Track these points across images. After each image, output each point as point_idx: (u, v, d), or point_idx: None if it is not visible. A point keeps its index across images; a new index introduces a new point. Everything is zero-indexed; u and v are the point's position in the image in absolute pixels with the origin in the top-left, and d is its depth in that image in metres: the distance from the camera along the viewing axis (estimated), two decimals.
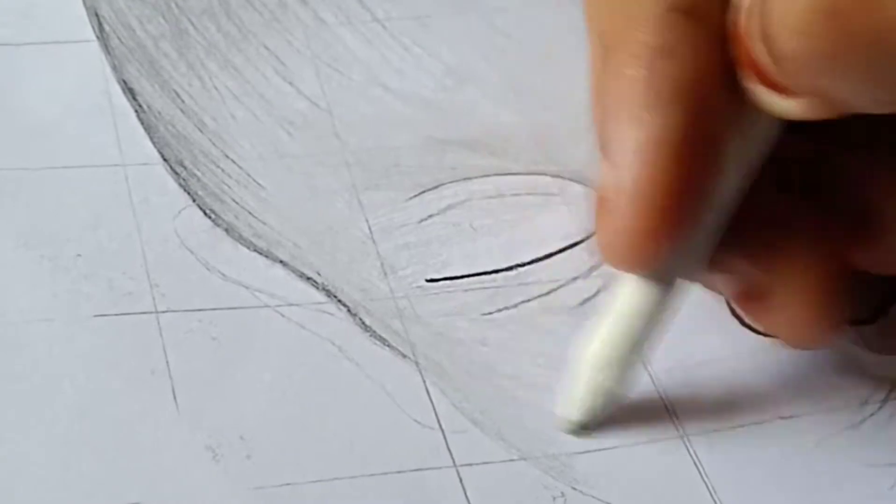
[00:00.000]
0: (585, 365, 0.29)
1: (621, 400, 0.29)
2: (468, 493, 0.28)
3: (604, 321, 0.29)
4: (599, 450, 0.29)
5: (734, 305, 0.30)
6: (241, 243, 0.31)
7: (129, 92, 0.33)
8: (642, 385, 0.30)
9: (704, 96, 0.26)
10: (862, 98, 0.25)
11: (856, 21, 0.23)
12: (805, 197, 0.29)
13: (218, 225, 0.31)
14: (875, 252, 0.29)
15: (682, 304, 0.29)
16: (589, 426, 0.29)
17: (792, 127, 0.28)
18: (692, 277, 0.29)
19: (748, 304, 0.30)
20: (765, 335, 0.32)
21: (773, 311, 0.29)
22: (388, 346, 0.30)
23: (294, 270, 0.31)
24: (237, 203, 0.32)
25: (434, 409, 0.29)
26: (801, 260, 0.28)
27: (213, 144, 0.33)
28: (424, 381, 0.29)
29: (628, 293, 0.28)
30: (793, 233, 0.29)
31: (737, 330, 0.32)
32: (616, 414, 0.29)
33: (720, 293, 0.31)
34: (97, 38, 0.34)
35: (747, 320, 0.30)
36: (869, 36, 0.23)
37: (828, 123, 0.26)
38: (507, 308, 0.31)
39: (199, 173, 0.32)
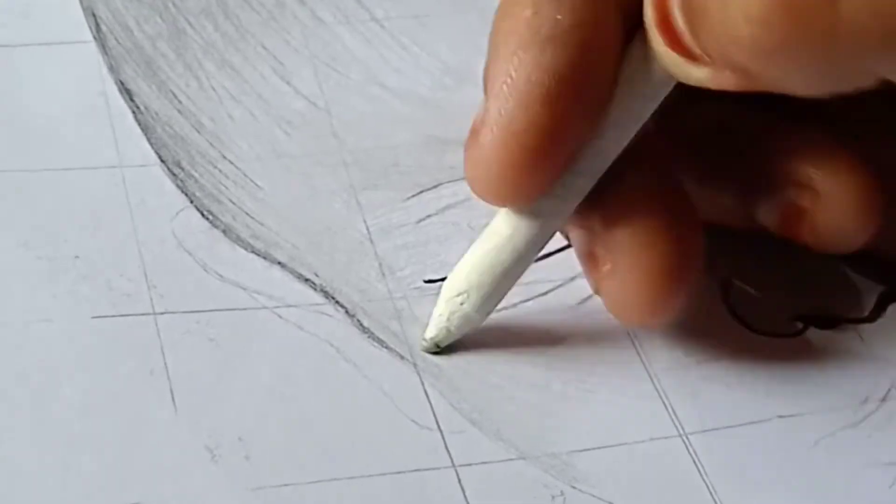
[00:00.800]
0: (448, 286, 0.29)
1: (476, 324, 0.30)
2: (467, 493, 0.28)
3: (474, 247, 0.29)
4: (599, 448, 0.29)
5: (580, 261, 0.30)
6: (238, 244, 0.31)
7: (127, 93, 0.33)
8: (641, 384, 0.30)
9: (588, 45, 0.27)
10: (795, 83, 0.25)
11: (813, 17, 0.24)
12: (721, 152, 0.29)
13: (216, 226, 0.31)
14: (809, 227, 0.30)
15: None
16: (440, 344, 0.30)
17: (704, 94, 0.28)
18: (557, 223, 0.29)
19: (586, 262, 0.30)
20: (763, 334, 0.32)
21: (605, 276, 0.29)
22: (386, 347, 0.30)
23: (292, 271, 0.31)
24: (235, 204, 0.32)
25: (432, 409, 0.29)
26: (647, 240, 0.28)
27: (211, 145, 0.33)
28: (422, 382, 0.29)
29: (498, 223, 0.29)
30: (652, 214, 0.28)
31: (736, 329, 0.32)
32: (616, 412, 0.29)
33: (573, 244, 0.30)
34: (94, 38, 0.34)
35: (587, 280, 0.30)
36: (823, 31, 0.24)
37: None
38: (505, 308, 0.31)
39: (196, 174, 0.32)
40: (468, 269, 0.29)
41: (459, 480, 0.28)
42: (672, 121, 0.29)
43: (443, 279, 0.30)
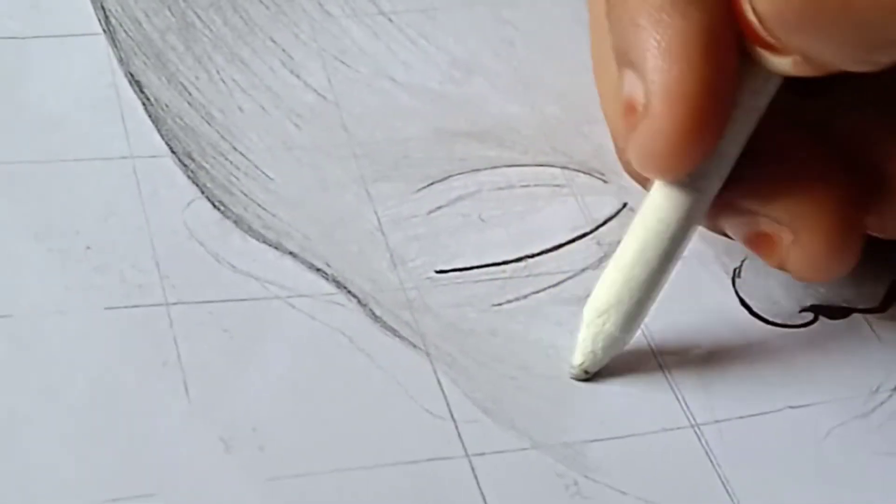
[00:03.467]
0: (588, 309, 0.29)
1: (624, 344, 0.30)
2: (480, 483, 0.28)
3: (608, 268, 0.29)
4: (612, 438, 0.29)
5: (744, 246, 0.31)
6: (250, 235, 0.31)
7: (137, 85, 0.33)
8: (653, 375, 0.30)
9: (722, 6, 0.27)
10: (834, 56, 0.26)
11: None
12: (821, 150, 0.30)
13: (227, 217, 0.31)
14: (884, 216, 0.30)
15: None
16: (589, 370, 0.30)
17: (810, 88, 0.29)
18: (697, 217, 0.29)
19: (759, 244, 0.30)
20: (774, 324, 0.32)
21: (787, 248, 0.29)
22: (399, 336, 0.30)
23: (304, 262, 0.31)
24: (246, 195, 0.32)
25: (445, 399, 0.29)
26: (815, 200, 0.29)
27: (222, 137, 0.33)
28: (435, 372, 0.29)
29: (628, 242, 0.29)
30: (806, 177, 0.29)
31: (747, 319, 0.32)
32: (628, 403, 0.29)
33: (729, 236, 0.31)
34: (104, 31, 0.34)
35: (764, 260, 0.31)
36: (837, 2, 0.24)
37: (843, 83, 0.27)
38: (516, 299, 0.31)
39: (207, 165, 0.32)
40: (605, 289, 0.29)
41: (473, 470, 0.28)
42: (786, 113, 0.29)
43: (454, 270, 0.30)
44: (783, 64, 0.27)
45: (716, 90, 0.27)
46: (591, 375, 0.30)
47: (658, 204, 0.29)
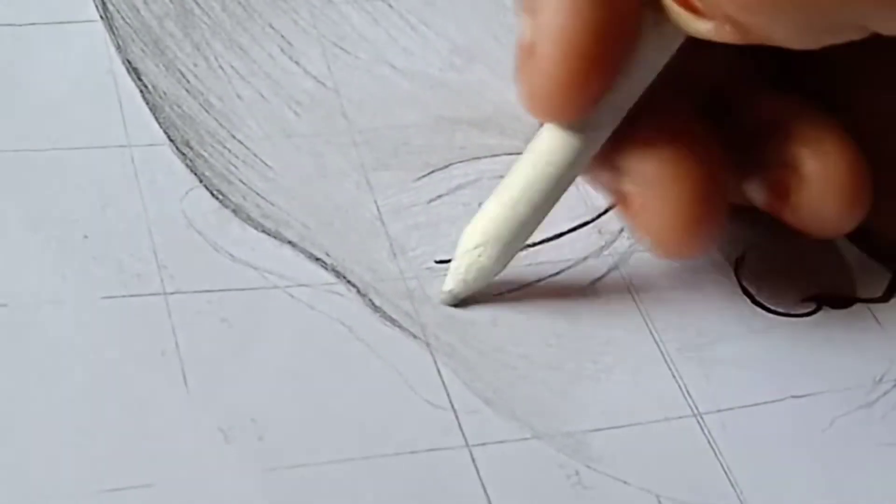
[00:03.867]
0: (466, 238, 0.30)
1: (495, 275, 0.30)
2: (481, 473, 0.28)
3: (489, 201, 0.30)
4: (613, 428, 0.29)
5: (611, 202, 0.31)
6: (249, 224, 0.31)
7: (134, 72, 0.33)
8: (655, 364, 0.30)
9: None
10: (781, 34, 0.26)
11: None
12: (699, 119, 0.30)
13: (226, 206, 0.31)
14: (794, 209, 0.30)
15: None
16: (458, 296, 0.30)
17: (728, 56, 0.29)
18: (580, 163, 0.29)
19: (619, 202, 0.30)
20: (777, 314, 0.32)
21: (639, 213, 0.29)
22: (399, 326, 0.30)
23: (303, 251, 0.30)
24: (245, 184, 0.31)
25: (446, 389, 0.29)
26: (674, 167, 0.29)
27: (220, 125, 0.32)
28: (436, 362, 0.29)
29: (513, 176, 0.29)
30: (674, 143, 0.29)
31: (749, 309, 0.32)
32: (630, 392, 0.29)
33: (602, 190, 0.31)
34: (101, 17, 0.34)
35: (622, 222, 0.31)
36: None
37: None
38: (517, 288, 0.31)
39: (205, 154, 0.32)
40: (484, 221, 0.30)
41: (473, 460, 0.28)
42: (676, 78, 0.29)
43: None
44: (702, 27, 0.27)
45: (604, 37, 0.27)
46: (458, 301, 0.30)
47: (548, 146, 0.29)
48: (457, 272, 0.30)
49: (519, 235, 0.30)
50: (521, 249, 0.30)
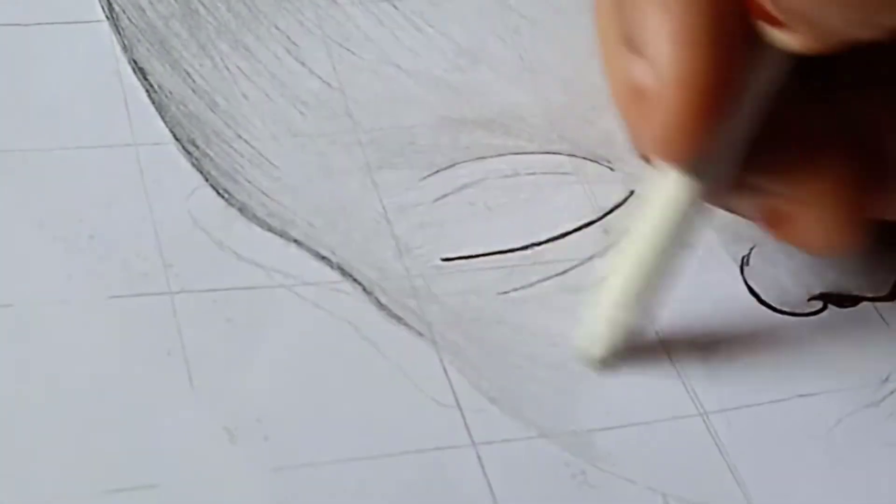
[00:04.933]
0: (601, 296, 0.29)
1: (640, 331, 0.29)
2: (487, 472, 0.28)
3: (620, 253, 0.29)
4: (619, 427, 0.29)
5: (759, 225, 0.31)
6: (254, 223, 0.31)
7: (140, 72, 0.33)
8: (661, 363, 0.30)
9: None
10: (837, 20, 0.26)
11: None
12: (827, 130, 0.30)
13: (231, 205, 0.31)
14: (885, 198, 0.30)
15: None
16: (606, 359, 0.29)
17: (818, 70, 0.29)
18: (721, 190, 0.29)
19: (774, 221, 0.30)
20: (782, 313, 0.32)
21: (796, 223, 0.29)
22: (405, 324, 0.30)
23: (308, 250, 0.30)
24: (250, 183, 0.31)
25: (452, 387, 0.29)
26: (823, 176, 0.29)
27: (226, 124, 0.32)
28: (442, 360, 0.29)
29: (644, 222, 0.29)
30: (814, 155, 0.29)
31: (755, 307, 0.32)
32: (635, 391, 0.29)
33: (742, 215, 0.31)
34: (107, 18, 0.34)
35: (775, 237, 0.31)
36: None
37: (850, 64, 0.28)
38: (523, 287, 0.31)
39: (211, 153, 0.32)
40: (618, 276, 0.29)
41: (479, 459, 0.28)
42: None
43: (460, 258, 0.30)
44: (791, 40, 0.27)
45: (724, 73, 0.27)
46: (607, 364, 0.30)
47: (669, 189, 0.29)
48: (592, 331, 0.29)
49: (652, 286, 0.29)
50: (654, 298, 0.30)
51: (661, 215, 0.29)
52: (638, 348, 0.30)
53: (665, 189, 0.29)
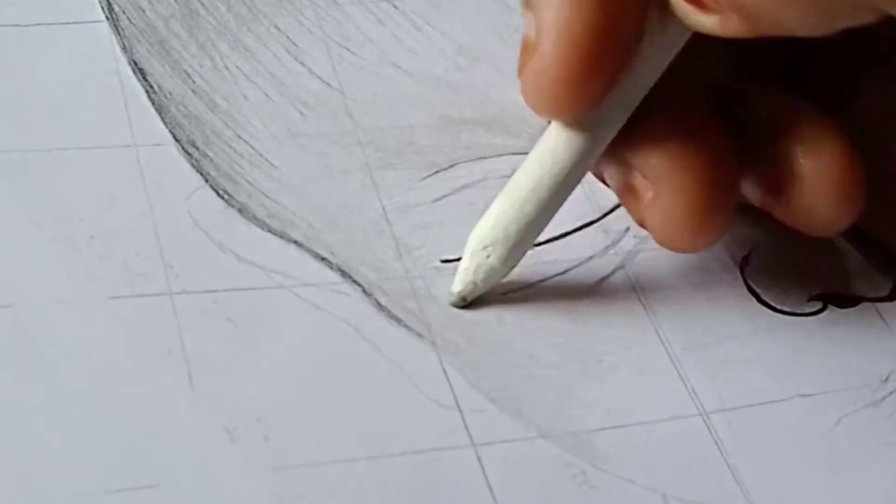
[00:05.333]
0: (474, 239, 0.30)
1: (502, 277, 0.30)
2: (487, 472, 0.27)
3: (498, 200, 0.30)
4: (620, 427, 0.29)
5: (617, 197, 0.31)
6: (254, 224, 0.31)
7: (140, 72, 0.33)
8: (661, 363, 0.30)
9: None
10: (793, 19, 0.26)
11: None
12: (707, 114, 0.30)
13: (231, 205, 0.31)
14: (789, 206, 0.30)
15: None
16: (467, 298, 0.30)
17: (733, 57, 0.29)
18: (589, 159, 0.29)
19: (628, 197, 0.30)
20: (783, 313, 0.32)
21: (648, 204, 0.29)
22: (404, 325, 0.30)
23: (308, 250, 0.30)
24: (250, 183, 0.31)
25: (451, 388, 0.29)
26: (685, 160, 0.29)
27: (226, 125, 0.32)
28: (441, 361, 0.29)
29: (521, 175, 0.29)
30: (683, 137, 0.29)
31: (755, 308, 0.32)
32: (636, 391, 0.29)
33: (606, 184, 0.31)
34: (107, 18, 0.34)
35: (632, 216, 0.31)
36: None
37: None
38: (523, 287, 0.31)
39: (211, 154, 0.32)
40: (493, 221, 0.30)
41: (479, 459, 0.28)
42: (684, 73, 0.29)
43: (460, 259, 0.30)
44: (707, 21, 0.27)
45: (606, 33, 0.27)
46: (467, 303, 0.30)
47: (554, 145, 0.29)
48: (465, 274, 0.30)
49: (527, 236, 0.30)
50: (529, 249, 0.30)
51: (545, 171, 0.29)
52: (638, 348, 0.30)
53: (549, 142, 0.29)
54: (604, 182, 0.31)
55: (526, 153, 0.30)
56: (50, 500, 0.26)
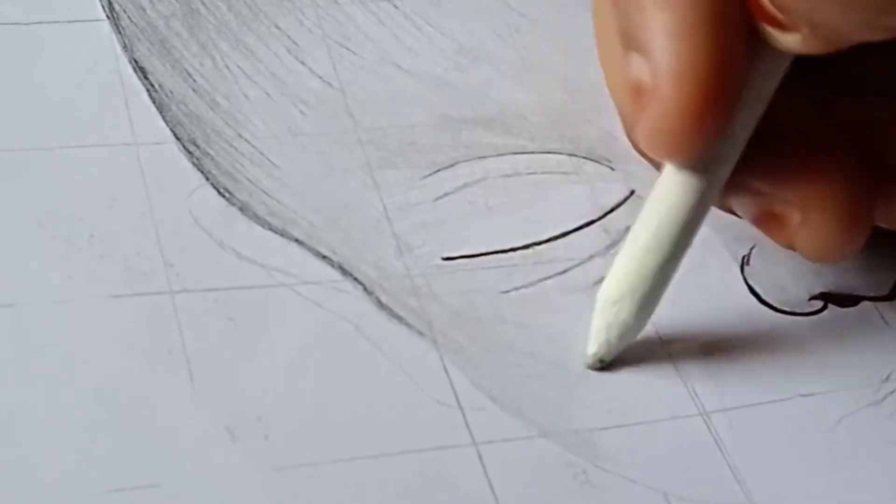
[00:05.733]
0: (602, 297, 0.29)
1: (638, 331, 0.29)
2: (488, 471, 0.27)
3: (621, 254, 0.29)
4: (620, 426, 0.29)
5: (754, 226, 0.31)
6: (255, 222, 0.31)
7: (141, 71, 0.33)
8: (662, 363, 0.30)
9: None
10: (842, 21, 0.26)
11: None
12: (829, 132, 0.30)
13: (232, 204, 0.31)
14: (885, 206, 0.30)
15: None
16: (605, 359, 0.29)
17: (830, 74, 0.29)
18: (708, 202, 0.29)
19: (769, 224, 0.30)
20: (783, 312, 0.32)
21: (796, 227, 0.30)
22: (405, 324, 0.30)
23: (309, 249, 0.30)
24: (251, 182, 0.31)
25: (452, 386, 0.29)
26: (824, 180, 0.29)
27: (226, 123, 0.32)
28: (442, 359, 0.29)
29: (639, 226, 0.29)
30: (815, 158, 0.29)
31: (755, 307, 0.32)
32: (636, 391, 0.29)
33: (740, 216, 0.31)
34: (107, 17, 0.34)
35: (773, 240, 0.31)
36: None
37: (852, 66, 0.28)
38: (524, 286, 0.31)
39: (212, 152, 0.32)
40: (618, 276, 0.29)
41: (480, 458, 0.28)
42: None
43: (461, 257, 0.30)
44: (792, 41, 0.27)
45: (724, 70, 0.27)
46: (605, 364, 0.29)
47: (669, 189, 0.29)
48: (598, 333, 0.29)
49: (656, 286, 0.29)
50: (660, 300, 0.29)
51: (662, 217, 0.29)
52: (639, 348, 0.30)
53: (664, 188, 0.29)
54: (732, 213, 0.31)
55: (526, 152, 0.30)
56: (50, 500, 0.26)
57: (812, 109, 0.30)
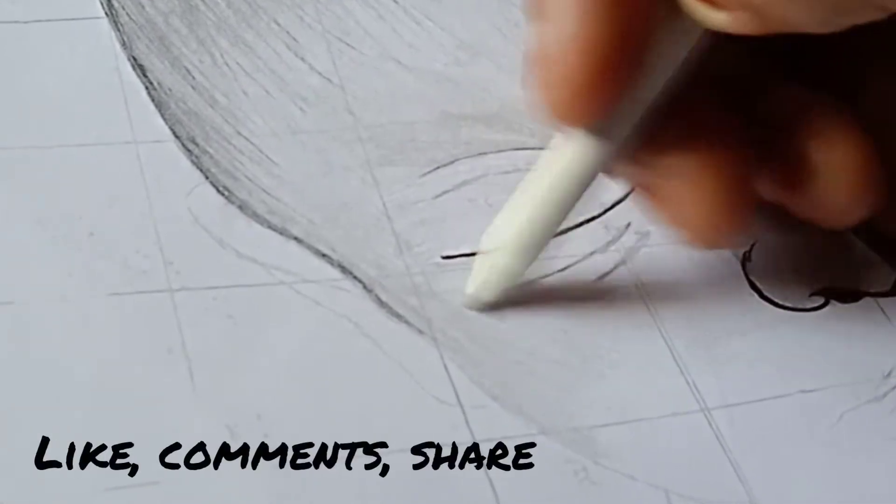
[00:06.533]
0: (487, 240, 0.30)
1: (518, 277, 0.30)
2: (488, 469, 0.27)
3: (511, 201, 0.30)
4: (621, 423, 0.29)
5: (638, 198, 0.31)
6: (255, 220, 0.31)
7: (140, 69, 0.33)
8: (663, 359, 0.30)
9: None
10: (799, 16, 0.26)
11: None
12: (724, 109, 0.30)
13: (231, 202, 0.31)
14: (804, 199, 0.30)
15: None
16: (481, 299, 0.30)
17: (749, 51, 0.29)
18: (602, 162, 0.29)
19: (648, 196, 0.30)
20: (785, 308, 0.31)
21: (670, 204, 0.29)
22: (405, 322, 0.30)
23: (309, 247, 0.30)
24: (250, 180, 0.31)
25: (453, 384, 0.29)
26: (705, 158, 0.29)
27: (226, 121, 0.32)
28: (442, 358, 0.29)
29: (536, 176, 0.29)
30: (701, 135, 0.29)
31: (757, 303, 0.32)
32: (637, 387, 0.29)
33: (625, 183, 0.31)
34: (106, 14, 0.34)
35: (654, 215, 0.30)
36: None
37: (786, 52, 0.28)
38: (524, 283, 0.31)
39: (211, 150, 0.32)
40: (507, 223, 0.29)
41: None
42: (698, 71, 0.29)
43: (461, 255, 0.30)
44: (718, 18, 0.27)
45: (621, 39, 0.27)
46: (483, 306, 0.30)
47: (568, 147, 0.29)
48: (478, 274, 0.30)
49: (540, 238, 0.30)
50: (541, 252, 0.30)
51: (558, 174, 0.29)
52: (639, 344, 0.30)
53: (564, 147, 0.29)
54: (618, 180, 0.31)
55: (527, 148, 0.30)
56: (50, 498, 0.26)
57: (708, 80, 0.30)
